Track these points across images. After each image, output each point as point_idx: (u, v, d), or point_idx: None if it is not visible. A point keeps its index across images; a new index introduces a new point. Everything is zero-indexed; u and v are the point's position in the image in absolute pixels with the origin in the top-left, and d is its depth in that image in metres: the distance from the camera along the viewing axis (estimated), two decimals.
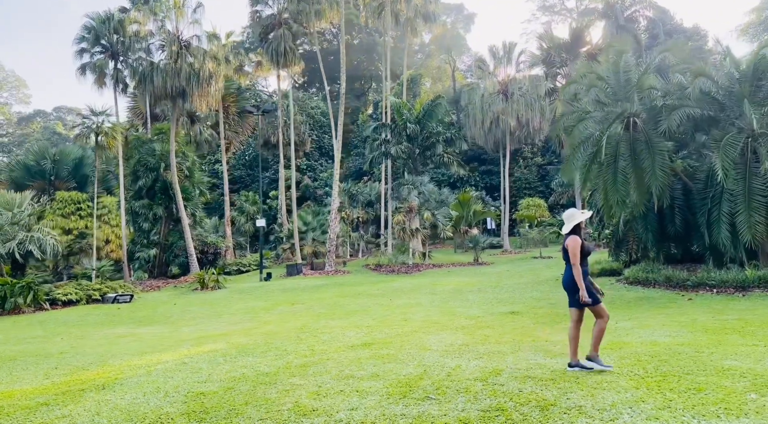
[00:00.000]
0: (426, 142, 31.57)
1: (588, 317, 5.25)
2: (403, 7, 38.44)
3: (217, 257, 27.56)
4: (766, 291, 11.60)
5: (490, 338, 7.99)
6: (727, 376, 4.60)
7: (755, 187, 12.15)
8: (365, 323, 10.63)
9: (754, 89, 12.71)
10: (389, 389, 4.76)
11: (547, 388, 4.49)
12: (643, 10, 45.98)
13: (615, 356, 5.78)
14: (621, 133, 14.39)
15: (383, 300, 14.97)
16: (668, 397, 4.06)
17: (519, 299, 13.55)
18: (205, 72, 23.99)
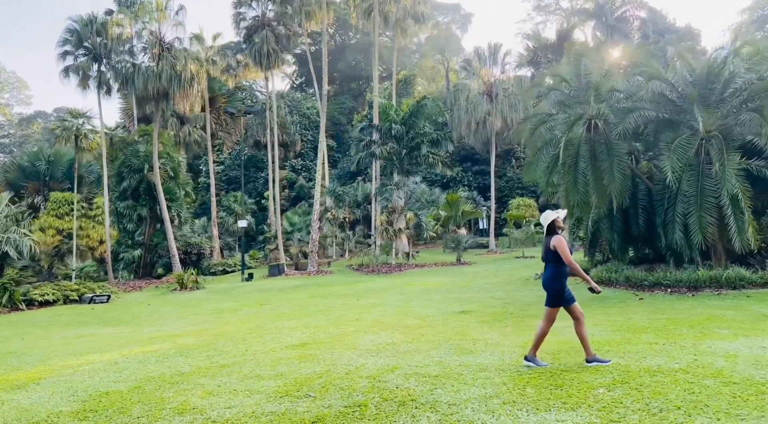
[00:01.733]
0: (411, 143, 31.75)
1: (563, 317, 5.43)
2: (393, 8, 38.62)
3: (201, 257, 27.86)
4: (715, 291, 11.80)
5: (423, 337, 8.21)
6: (596, 372, 4.82)
7: (707, 188, 12.31)
8: (318, 323, 10.87)
9: (707, 92, 12.88)
10: (281, 387, 4.99)
11: (424, 384, 4.71)
12: (634, 11, 46.02)
13: (510, 353, 5.99)
14: (582, 135, 14.57)
15: (351, 300, 15.21)
16: (525, 392, 4.28)
17: (479, 299, 13.76)
18: (186, 74, 24.27)
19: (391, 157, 32.94)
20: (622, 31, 44.83)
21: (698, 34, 55.83)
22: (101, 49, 24.99)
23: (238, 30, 29.38)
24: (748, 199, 12.12)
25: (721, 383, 4.24)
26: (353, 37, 75.69)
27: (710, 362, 5.01)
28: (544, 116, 15.44)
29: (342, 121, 63.23)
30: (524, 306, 12.17)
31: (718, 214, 12.27)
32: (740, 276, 11.83)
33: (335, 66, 79.58)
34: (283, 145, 40.81)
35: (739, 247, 12.04)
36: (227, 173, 55.91)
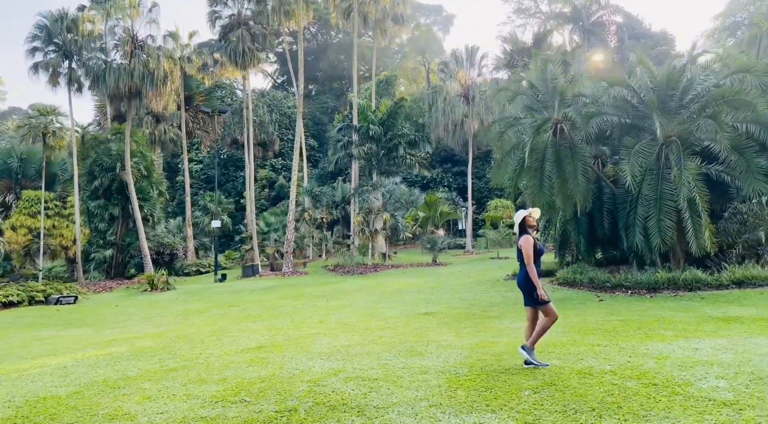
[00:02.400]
0: (389, 144, 31.86)
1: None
2: (372, 9, 38.67)
3: (175, 257, 27.55)
4: (673, 292, 12.11)
5: (379, 340, 8.28)
6: (530, 374, 4.95)
7: (666, 192, 12.63)
8: (281, 325, 10.87)
9: (667, 99, 13.21)
10: (220, 392, 5.01)
11: (361, 388, 4.78)
12: (610, 15, 46.82)
13: (458, 355, 6.09)
14: (548, 139, 14.81)
15: (320, 302, 15.22)
16: (455, 394, 4.38)
17: (446, 300, 13.90)
18: (160, 72, 23.97)
19: (369, 157, 33.01)
20: (598, 35, 45.57)
21: (673, 39, 57.02)
22: (72, 45, 24.52)
23: (214, 28, 29.13)
24: (705, 203, 12.47)
25: (642, 384, 4.39)
26: (335, 36, 75.51)
27: (640, 364, 5.18)
28: (511, 120, 15.67)
29: (324, 120, 63.00)
30: (488, 307, 12.33)
31: (676, 217, 12.59)
32: (696, 278, 12.17)
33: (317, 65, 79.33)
34: (261, 145, 40.55)
35: (695, 250, 12.38)
36: (206, 172, 55.31)
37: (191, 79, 35.76)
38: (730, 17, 54.15)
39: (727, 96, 12.64)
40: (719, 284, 11.89)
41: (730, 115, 12.72)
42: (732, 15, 53.51)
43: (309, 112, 65.68)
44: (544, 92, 15.26)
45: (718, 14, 56.41)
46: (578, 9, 44.45)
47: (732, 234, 13.16)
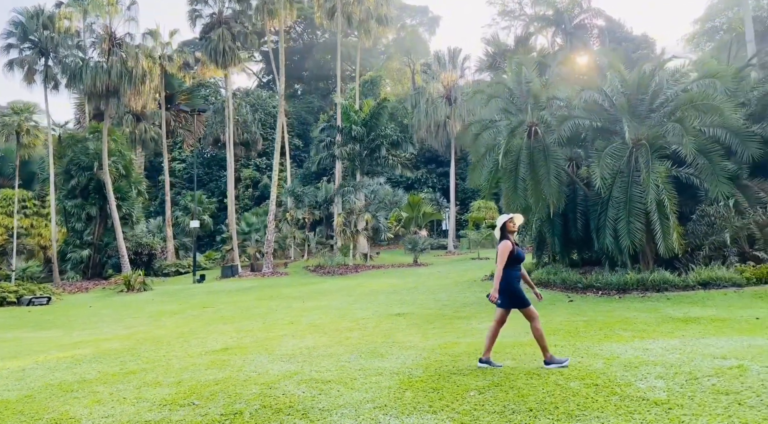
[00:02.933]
0: (372, 145, 31.91)
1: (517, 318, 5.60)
2: (356, 9, 38.67)
3: (153, 258, 27.27)
4: (641, 293, 12.33)
5: (346, 341, 8.32)
6: (481, 375, 5.02)
7: (636, 195, 12.84)
8: (252, 327, 10.84)
9: (637, 103, 13.45)
10: (172, 395, 5.00)
11: (312, 390, 4.81)
12: (591, 19, 47.38)
13: (417, 356, 6.14)
14: (523, 142, 14.98)
15: (296, 303, 15.20)
16: (402, 396, 4.44)
17: (421, 301, 13.98)
18: (138, 70, 23.71)
19: (352, 158, 33.03)
20: (581, 38, 46.08)
21: (653, 42, 57.89)
22: (48, 43, 24.14)
23: (195, 27, 28.91)
24: (674, 205, 12.71)
25: (585, 384, 4.49)
26: (321, 36, 75.36)
27: (589, 364, 5.29)
28: (487, 122, 15.81)
29: (309, 120, 62.82)
30: (460, 308, 12.44)
31: (645, 219, 12.82)
32: (664, 279, 12.40)
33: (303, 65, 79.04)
34: (244, 144, 40.31)
35: (663, 251, 12.62)
36: (189, 171, 54.77)
37: (173, 77, 35.42)
38: (709, 22, 55.11)
39: (695, 101, 12.91)
40: (686, 285, 12.12)
41: (698, 120, 12.99)
42: (711, 20, 54.44)
43: (294, 112, 65.46)
44: (519, 95, 15.43)
45: (697, 19, 57.44)
46: (560, 12, 44.92)
47: (699, 236, 13.42)
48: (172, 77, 35.81)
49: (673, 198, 12.70)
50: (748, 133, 12.61)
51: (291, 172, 50.93)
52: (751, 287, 11.56)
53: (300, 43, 79.73)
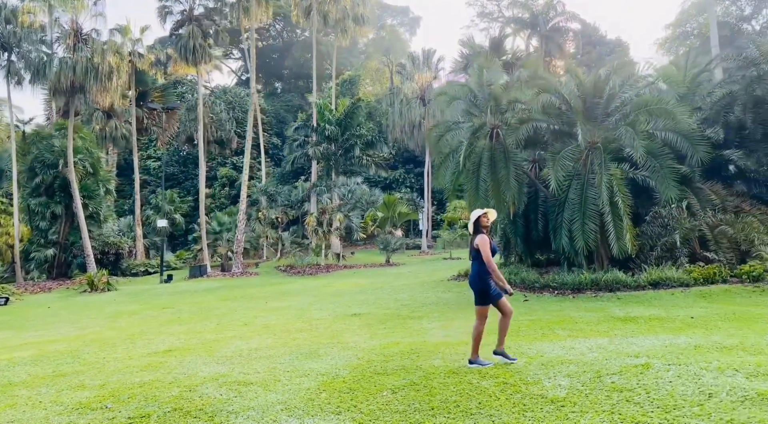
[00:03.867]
0: (346, 144, 31.89)
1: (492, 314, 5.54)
2: (332, 9, 38.62)
3: (120, 257, 26.84)
4: (594, 293, 12.60)
5: (291, 342, 8.33)
6: (404, 373, 5.10)
7: (590, 197, 13.11)
8: (205, 328, 10.78)
9: (593, 106, 13.74)
10: (90, 398, 4.97)
11: (232, 392, 4.83)
12: (566, 22, 48.05)
13: (353, 356, 6.20)
14: (485, 143, 15.17)
15: (258, 303, 15.13)
16: (318, 397, 4.49)
17: (382, 301, 14.05)
18: (104, 67, 23.31)
19: (327, 157, 32.95)
20: (556, 41, 46.71)
21: (627, 46, 59.08)
22: (11, 37, 23.56)
23: (165, 24, 28.52)
24: (628, 206, 13.01)
25: (495, 383, 4.60)
26: (301, 34, 74.99)
27: (509, 363, 5.41)
28: (451, 124, 15.96)
29: (288, 119, 62.52)
30: (419, 308, 12.55)
31: (600, 221, 13.09)
32: (616, 279, 12.70)
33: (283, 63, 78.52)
34: (218, 142, 39.88)
35: (617, 252, 12.91)
36: (164, 169, 54.02)
37: (145, 74, 34.86)
38: (680, 27, 56.39)
39: (649, 105, 13.25)
40: (637, 285, 12.42)
41: (651, 124, 13.33)
42: (682, 25, 55.68)
43: (273, 110, 64.99)
44: (481, 98, 15.62)
45: (668, 24, 58.77)
46: (536, 15, 45.47)
47: (653, 237, 13.77)
48: (144, 74, 35.25)
49: (627, 200, 13.00)
50: (698, 137, 12.98)
51: (269, 171, 50.59)
52: (698, 287, 11.90)
53: (279, 42, 79.22)
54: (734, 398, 3.61)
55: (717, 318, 8.45)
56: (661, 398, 3.79)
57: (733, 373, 4.23)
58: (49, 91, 24.82)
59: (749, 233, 12.67)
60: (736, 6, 54.44)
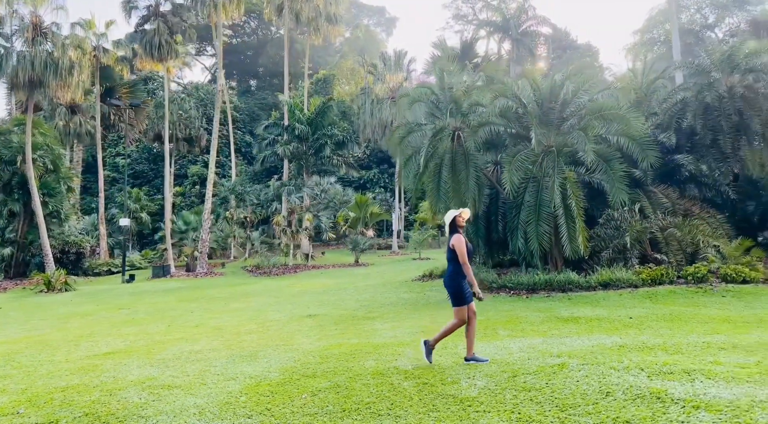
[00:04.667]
0: (316, 144, 31.78)
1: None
2: (304, 7, 38.43)
3: (81, 257, 26.18)
4: (548, 294, 12.87)
5: (236, 344, 8.27)
6: (329, 376, 5.13)
7: (545, 199, 13.38)
8: (155, 330, 10.62)
9: (549, 111, 14.03)
10: (5, 403, 4.86)
11: (151, 396, 4.79)
12: (537, 26, 48.83)
13: (291, 358, 6.20)
14: (447, 146, 15.33)
15: (217, 305, 14.96)
16: (237, 401, 4.48)
17: (341, 301, 14.07)
18: (65, 61, 22.68)
19: (297, 157, 32.78)
20: (526, 45, 47.43)
21: (597, 51, 60.43)
22: None
23: (130, 19, 27.92)
24: (581, 209, 13.33)
25: (415, 383, 4.67)
26: (276, 32, 74.46)
27: (440, 363, 5.50)
28: (413, 126, 16.07)
29: (262, 117, 62.02)
30: (377, 308, 12.61)
31: (554, 223, 13.39)
32: (569, 280, 12.99)
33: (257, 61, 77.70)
34: (187, 140, 39.25)
35: (569, 253, 13.22)
36: (134, 167, 52.86)
37: (112, 70, 34.05)
38: (648, 33, 57.94)
39: (603, 110, 13.59)
40: (588, 286, 12.75)
41: (605, 128, 13.68)
42: (649, 31, 57.19)
43: (247, 108, 64.21)
44: (443, 100, 15.78)
45: (636, 30, 60.34)
46: (507, 19, 46.08)
47: (605, 239, 14.14)
48: (112, 70, 34.44)
49: (580, 202, 13.32)
50: (648, 142, 13.37)
51: (243, 170, 49.99)
52: (646, 287, 12.28)
53: (254, 39, 78.46)
54: (627, 397, 3.76)
55: (654, 318, 8.74)
56: (563, 398, 3.92)
57: (638, 372, 4.40)
58: (8, 86, 24.03)
59: (695, 235, 13.13)
60: (700, 14, 56.17)
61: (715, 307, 9.67)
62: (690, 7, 56.26)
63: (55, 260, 24.28)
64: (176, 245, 29.27)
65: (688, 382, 4.01)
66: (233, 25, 75.09)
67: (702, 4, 54.84)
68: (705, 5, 54.67)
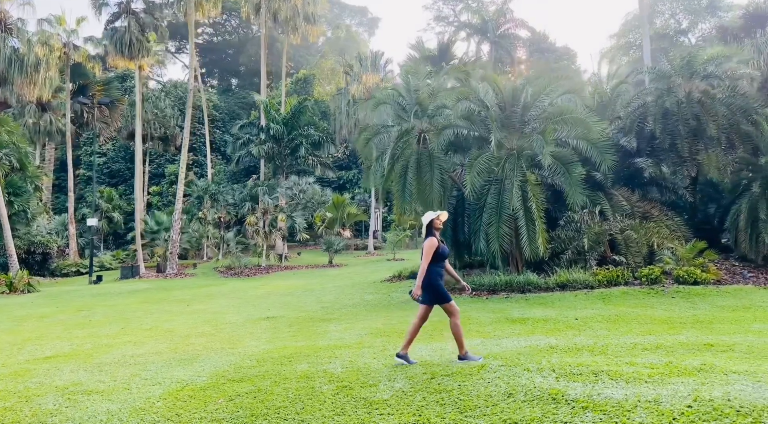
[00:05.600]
0: (291, 144, 31.65)
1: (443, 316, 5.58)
2: (282, 7, 38.24)
3: (48, 257, 25.69)
4: (507, 294, 13.01)
5: (183, 348, 8.20)
6: (257, 380, 5.12)
7: (506, 201, 13.53)
8: (106, 332, 10.47)
9: (511, 114, 14.19)
10: None
11: (70, 402, 4.73)
12: (515, 29, 49.33)
13: (227, 362, 6.17)
14: (413, 147, 15.41)
15: (179, 306, 14.80)
16: (151, 407, 4.46)
17: (303, 303, 14.05)
18: (31, 58, 22.23)
19: (272, 157, 32.60)
20: (505, 47, 47.87)
21: (575, 54, 61.24)
22: None
23: (100, 16, 27.47)
24: (541, 211, 13.51)
25: (335, 388, 4.68)
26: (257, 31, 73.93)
27: (366, 366, 5.54)
28: (380, 128, 16.13)
29: (242, 116, 61.55)
30: (336, 310, 12.62)
31: (514, 224, 13.56)
32: (528, 281, 13.17)
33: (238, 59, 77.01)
34: (162, 139, 38.74)
35: (529, 254, 13.40)
36: (110, 166, 52.01)
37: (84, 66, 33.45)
38: (624, 37, 58.94)
39: (564, 114, 13.81)
40: (546, 287, 12.94)
41: (565, 132, 13.89)
42: (625, 35, 58.17)
43: (227, 107, 63.57)
44: (409, 102, 15.86)
45: (612, 34, 61.36)
46: (486, 21, 46.46)
47: (566, 240, 14.35)
48: (85, 67, 33.84)
49: (541, 204, 13.50)
50: (606, 146, 13.61)
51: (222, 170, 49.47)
52: (602, 288, 12.50)
53: (236, 38, 77.76)
54: (526, 398, 3.83)
55: (598, 320, 8.91)
56: (467, 399, 3.98)
57: (549, 373, 4.48)
58: None
59: (650, 237, 13.41)
60: (674, 20, 57.30)
61: (661, 308, 9.89)
62: (664, 13, 57.37)
63: (21, 260, 23.77)
64: (148, 245, 28.89)
65: (591, 383, 4.11)
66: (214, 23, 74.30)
67: (676, 9, 55.97)
68: (679, 11, 55.80)
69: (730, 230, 14.76)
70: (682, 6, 54.58)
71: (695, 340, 6.24)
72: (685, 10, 54.83)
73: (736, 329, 7.13)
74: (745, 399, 3.42)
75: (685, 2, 53.51)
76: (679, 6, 55.12)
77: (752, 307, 9.34)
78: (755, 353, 5.30)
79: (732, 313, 8.91)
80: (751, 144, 14.55)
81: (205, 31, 74.11)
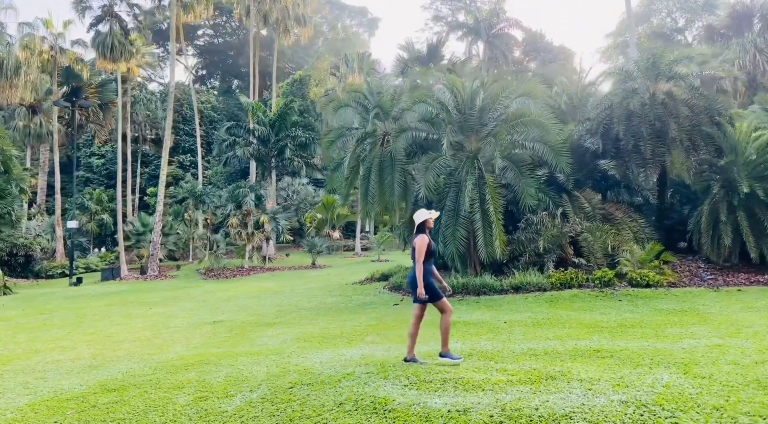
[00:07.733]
0: (278, 145, 31.74)
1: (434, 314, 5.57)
2: (272, 8, 38.38)
3: (31, 259, 25.96)
4: (463, 296, 12.94)
5: (107, 354, 8.24)
6: (140, 389, 5.14)
7: (462, 204, 13.48)
8: (50, 336, 10.54)
9: (470, 117, 14.11)
10: None
11: None
12: (509, 29, 49.11)
13: (143, 368, 6.20)
14: (376, 150, 15.39)
15: (141, 309, 14.87)
16: (22, 418, 4.49)
17: (260, 306, 14.05)
18: (11, 61, 22.47)
19: (259, 158, 32.70)
20: (500, 47, 47.66)
21: (572, 53, 60.85)
22: None
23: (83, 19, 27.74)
24: (499, 213, 13.43)
25: (191, 399, 4.66)
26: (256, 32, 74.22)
27: (249, 373, 5.53)
28: (343, 130, 16.13)
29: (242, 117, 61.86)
30: (289, 313, 12.60)
31: (472, 227, 13.49)
32: (484, 283, 13.09)
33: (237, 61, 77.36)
34: (155, 141, 39.00)
35: (485, 257, 13.33)
36: (108, 167, 52.43)
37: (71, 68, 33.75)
38: (620, 36, 58.50)
39: (524, 117, 13.71)
40: (501, 289, 12.85)
41: (522, 135, 13.81)
42: (621, 34, 57.73)
43: (225, 108, 63.95)
44: (374, 105, 15.84)
45: (609, 33, 60.92)
46: (479, 21, 46.28)
47: (525, 243, 14.25)
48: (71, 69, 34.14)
49: (499, 207, 13.42)
50: (562, 148, 13.49)
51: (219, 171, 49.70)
52: (554, 291, 12.39)
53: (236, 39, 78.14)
54: (352, 408, 3.80)
55: (525, 323, 8.82)
56: (301, 409, 3.96)
57: (399, 382, 4.44)
58: None
59: (605, 239, 13.28)
60: (671, 18, 56.76)
61: (599, 311, 9.78)
62: (661, 11, 56.88)
63: (3, 262, 24.05)
64: (134, 247, 29.09)
65: (428, 391, 4.08)
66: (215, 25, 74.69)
67: (672, 7, 55.46)
68: (675, 9, 55.28)
69: (694, 231, 14.59)
70: (678, 4, 54.07)
71: (591, 345, 6.17)
72: (681, 8, 54.30)
73: (648, 334, 7.03)
74: (552, 408, 3.38)
75: (681, 0, 53.03)
76: (676, 4, 54.60)
77: (688, 311, 9.21)
78: (632, 359, 5.23)
79: (663, 317, 8.79)
80: (714, 145, 14.36)
81: (206, 32, 74.52)
